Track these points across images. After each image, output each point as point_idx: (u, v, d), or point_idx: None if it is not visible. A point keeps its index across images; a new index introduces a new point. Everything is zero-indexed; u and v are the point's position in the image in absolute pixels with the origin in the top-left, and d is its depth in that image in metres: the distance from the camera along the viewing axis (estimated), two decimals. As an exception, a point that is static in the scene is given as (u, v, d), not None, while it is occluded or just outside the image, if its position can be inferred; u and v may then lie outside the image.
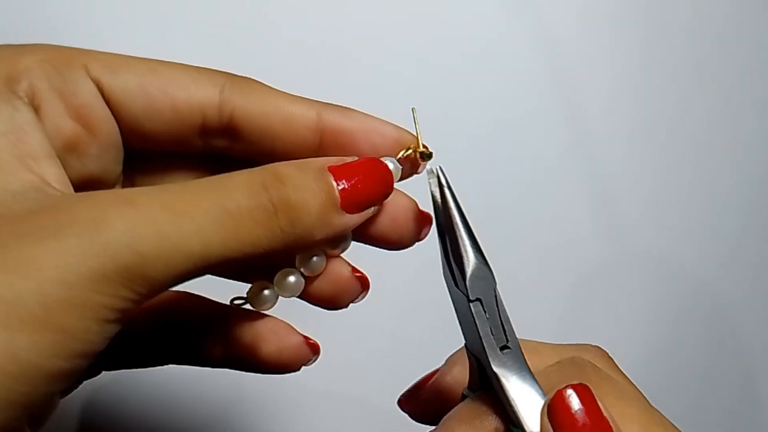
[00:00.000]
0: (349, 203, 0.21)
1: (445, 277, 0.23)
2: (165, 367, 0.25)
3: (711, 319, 0.58)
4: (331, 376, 0.42)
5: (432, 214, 0.23)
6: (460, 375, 0.25)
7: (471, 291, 0.22)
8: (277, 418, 0.43)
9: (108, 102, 0.21)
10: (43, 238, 0.16)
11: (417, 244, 0.26)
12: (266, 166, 0.20)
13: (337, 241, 0.23)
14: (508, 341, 0.22)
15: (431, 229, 0.24)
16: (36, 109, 0.19)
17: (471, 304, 0.22)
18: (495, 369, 0.21)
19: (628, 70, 0.54)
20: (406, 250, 0.25)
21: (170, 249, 0.17)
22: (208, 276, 0.20)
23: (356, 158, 0.22)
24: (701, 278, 0.57)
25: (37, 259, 0.16)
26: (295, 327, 0.25)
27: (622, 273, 0.54)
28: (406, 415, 0.27)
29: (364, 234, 0.23)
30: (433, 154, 0.24)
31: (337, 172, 0.21)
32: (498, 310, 0.22)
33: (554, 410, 0.20)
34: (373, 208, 0.22)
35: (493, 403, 0.22)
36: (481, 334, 0.22)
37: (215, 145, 0.22)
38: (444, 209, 0.22)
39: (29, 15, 0.39)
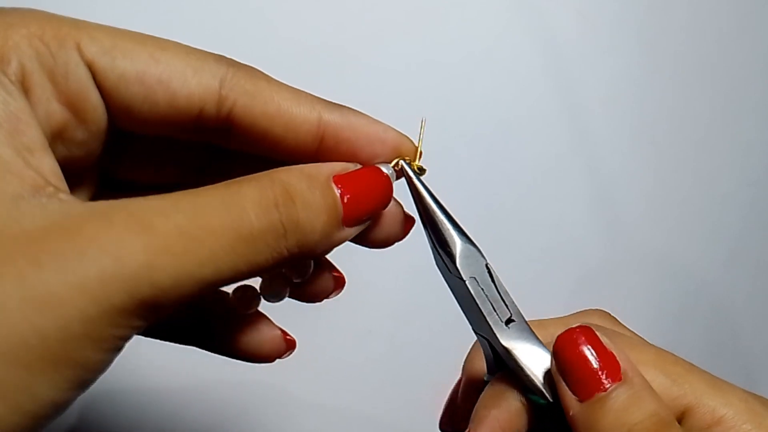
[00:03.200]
0: (351, 217, 0.20)
1: (438, 267, 0.23)
2: (153, 377, 0.25)
3: (711, 319, 0.58)
4: (330, 380, 0.42)
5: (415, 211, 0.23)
6: (482, 365, 0.25)
7: (463, 271, 0.22)
8: (270, 425, 0.43)
9: (100, 87, 0.19)
10: (63, 270, 0.15)
11: (413, 249, 0.26)
12: (272, 175, 0.19)
13: (301, 270, 0.24)
14: (511, 314, 0.22)
15: (413, 228, 0.25)
16: (26, 92, 0.18)
17: (467, 284, 0.22)
18: (504, 343, 0.22)
19: (628, 70, 0.54)
20: (403, 256, 0.25)
21: (185, 279, 0.17)
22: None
23: (359, 166, 0.22)
24: (701, 278, 0.57)
25: (59, 294, 0.15)
26: (273, 321, 0.25)
27: (622, 273, 0.54)
28: None
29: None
30: (426, 171, 0.23)
31: (342, 183, 0.20)
32: (495, 285, 0.22)
33: (559, 350, 0.21)
34: (369, 222, 0.22)
35: (511, 379, 0.22)
36: (483, 312, 0.22)
37: (210, 135, 0.22)
38: (419, 200, 0.22)
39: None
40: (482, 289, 0.22)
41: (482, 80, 0.49)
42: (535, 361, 0.22)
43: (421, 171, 0.23)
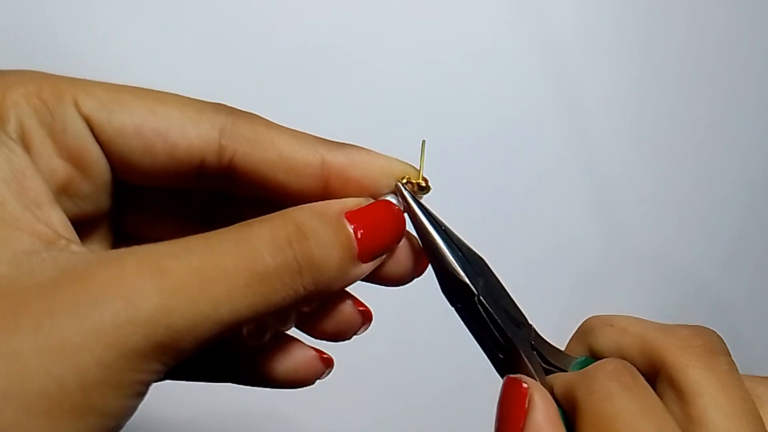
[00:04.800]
0: (366, 252, 0.20)
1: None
2: (155, 407, 0.24)
3: (711, 319, 0.58)
4: (330, 381, 0.42)
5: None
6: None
7: (451, 300, 0.22)
8: (271, 423, 0.43)
9: (100, 141, 0.19)
10: (77, 317, 0.15)
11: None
12: (285, 215, 0.19)
13: (285, 320, 0.23)
14: (503, 345, 0.22)
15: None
16: (27, 148, 0.18)
17: (457, 312, 0.22)
18: (499, 370, 0.22)
19: (627, 70, 0.54)
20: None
21: (201, 320, 0.16)
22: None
23: (370, 200, 0.21)
24: (701, 279, 0.57)
25: (75, 342, 0.15)
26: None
27: (622, 273, 0.54)
28: None
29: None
30: (431, 189, 0.23)
31: (355, 219, 0.20)
32: (486, 319, 0.22)
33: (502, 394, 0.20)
34: (384, 256, 0.21)
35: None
36: (475, 339, 0.22)
37: (211, 184, 0.21)
38: (415, 224, 0.22)
39: (29, 15, 0.39)
40: (471, 318, 0.22)
41: (482, 81, 0.49)
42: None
43: (424, 189, 0.22)
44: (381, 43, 0.47)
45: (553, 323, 0.28)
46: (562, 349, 0.25)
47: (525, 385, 0.20)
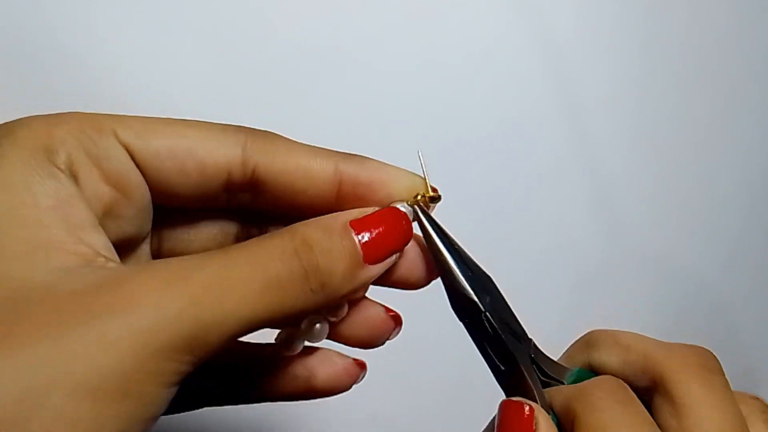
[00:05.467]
0: (372, 256, 0.22)
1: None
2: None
3: (711, 319, 0.58)
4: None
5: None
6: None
7: (459, 315, 0.24)
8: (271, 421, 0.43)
9: (139, 166, 0.22)
10: (115, 315, 0.17)
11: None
12: (293, 228, 0.21)
13: (336, 309, 0.25)
14: (521, 332, 0.23)
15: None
16: (74, 177, 0.20)
17: (465, 326, 0.23)
18: (500, 383, 0.23)
19: (628, 71, 0.54)
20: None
21: (226, 316, 0.19)
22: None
23: (375, 209, 0.23)
24: (701, 279, 0.57)
25: (113, 334, 0.17)
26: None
27: (622, 273, 0.54)
28: None
29: (383, 278, 0.24)
30: (442, 198, 0.24)
31: (359, 227, 0.22)
32: (492, 335, 0.23)
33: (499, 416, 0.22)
34: (395, 256, 0.23)
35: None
36: (480, 352, 0.23)
37: (239, 199, 0.24)
38: (427, 240, 0.24)
39: (29, 15, 0.39)
40: (477, 332, 0.23)
41: (482, 81, 0.49)
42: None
43: (435, 200, 0.24)
44: (381, 43, 0.47)
45: (553, 323, 0.28)
46: (561, 353, 0.26)
47: (527, 408, 0.22)
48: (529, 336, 0.25)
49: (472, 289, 0.23)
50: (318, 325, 0.24)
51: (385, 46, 0.47)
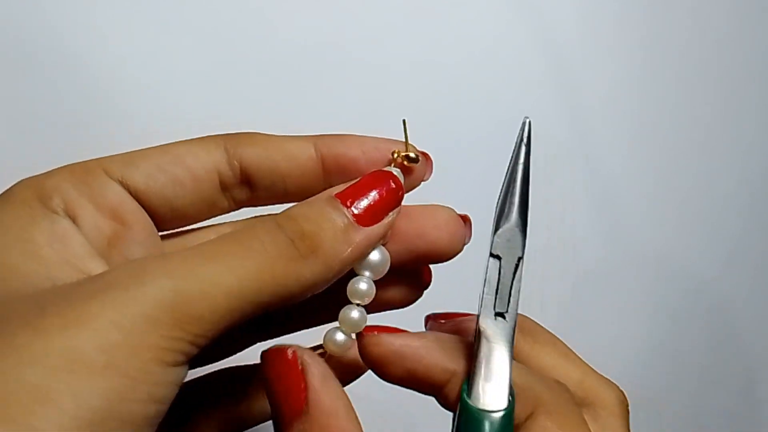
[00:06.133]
0: (363, 216, 0.22)
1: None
2: None
3: (711, 318, 0.58)
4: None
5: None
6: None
7: (493, 246, 0.23)
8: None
9: (134, 193, 0.23)
10: (93, 296, 0.17)
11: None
12: (278, 213, 0.22)
13: (375, 268, 0.24)
14: (506, 311, 0.22)
15: (471, 228, 0.26)
16: (73, 219, 0.21)
17: (489, 258, 0.23)
18: (480, 325, 0.22)
19: (628, 70, 0.54)
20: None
21: (209, 286, 0.18)
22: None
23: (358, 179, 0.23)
24: (701, 278, 0.57)
25: (91, 311, 0.17)
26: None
27: (622, 273, 0.54)
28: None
29: (418, 252, 0.24)
30: (420, 158, 0.25)
31: (343, 195, 0.22)
32: (512, 280, 0.23)
33: (263, 366, 0.21)
34: (391, 214, 0.23)
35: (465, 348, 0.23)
36: (483, 289, 0.22)
37: (238, 198, 0.25)
38: (511, 162, 0.24)
39: (29, 15, 0.39)
40: (499, 274, 0.23)
41: (482, 81, 0.49)
42: (490, 364, 0.22)
43: (413, 160, 0.24)
44: (381, 43, 0.47)
45: (552, 323, 0.28)
46: None
47: (289, 351, 0.21)
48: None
49: (523, 231, 0.23)
50: (354, 312, 0.23)
51: (386, 46, 0.47)
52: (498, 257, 0.23)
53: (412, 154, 0.24)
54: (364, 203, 0.22)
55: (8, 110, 0.38)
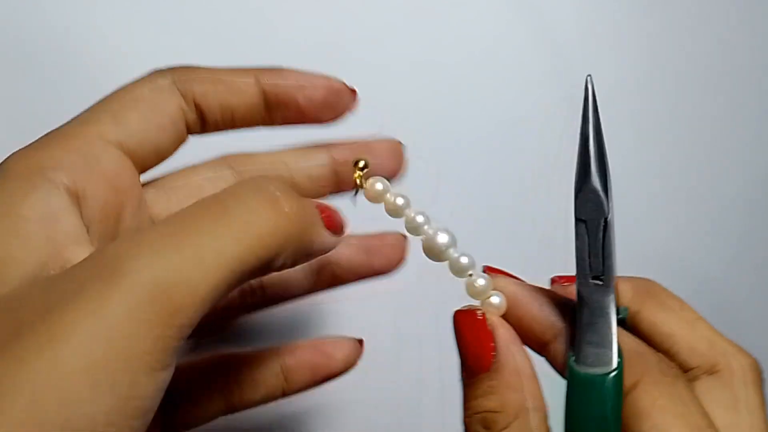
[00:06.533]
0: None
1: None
2: None
3: (713, 318, 0.58)
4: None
5: None
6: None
7: (577, 210, 0.23)
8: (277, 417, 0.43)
9: (128, 152, 0.23)
10: (69, 300, 0.16)
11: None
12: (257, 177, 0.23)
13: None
14: (602, 274, 0.22)
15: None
16: (75, 193, 0.20)
17: (576, 223, 0.23)
18: (579, 290, 0.22)
19: (629, 70, 0.54)
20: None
21: (189, 268, 0.17)
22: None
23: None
24: (702, 278, 0.57)
25: (66, 321, 0.15)
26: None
27: (623, 272, 0.54)
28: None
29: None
30: (368, 163, 0.26)
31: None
32: (602, 241, 0.22)
33: (453, 325, 0.22)
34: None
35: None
36: (576, 255, 0.23)
37: (192, 130, 0.26)
38: (582, 122, 0.24)
39: (29, 15, 0.39)
40: (588, 237, 0.22)
41: (482, 81, 0.49)
42: (594, 325, 0.21)
43: (365, 166, 0.25)
44: (381, 43, 0.47)
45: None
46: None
47: (479, 312, 0.22)
48: None
49: (604, 189, 0.22)
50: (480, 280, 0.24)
51: (385, 46, 0.47)
52: (583, 221, 0.22)
53: (361, 163, 0.25)
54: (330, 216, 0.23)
55: (8, 110, 0.38)
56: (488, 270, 0.25)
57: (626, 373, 0.21)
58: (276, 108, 0.26)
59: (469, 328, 0.22)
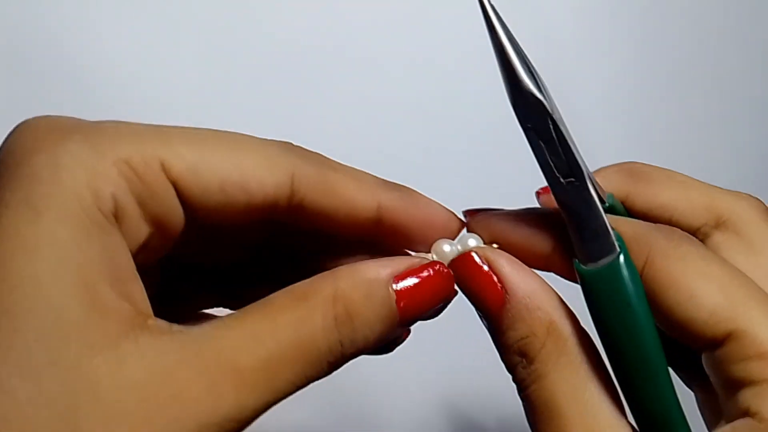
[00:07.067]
0: (406, 319, 0.21)
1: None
2: None
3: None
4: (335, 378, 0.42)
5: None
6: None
7: (521, 120, 0.21)
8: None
9: (184, 200, 0.20)
10: (160, 414, 0.17)
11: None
12: (337, 285, 0.20)
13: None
14: (571, 171, 0.21)
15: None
16: (119, 221, 0.18)
17: (525, 133, 0.21)
18: (556, 196, 0.21)
19: (625, 69, 0.54)
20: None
21: (261, 406, 0.18)
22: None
23: (420, 259, 0.22)
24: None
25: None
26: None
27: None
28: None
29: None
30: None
31: (402, 284, 0.21)
32: (557, 140, 0.21)
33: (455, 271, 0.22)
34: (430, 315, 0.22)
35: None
36: (539, 163, 0.21)
37: (277, 219, 0.22)
38: (491, 35, 0.22)
39: (28, 16, 0.39)
40: (541, 141, 0.21)
41: (479, 80, 0.49)
42: (582, 221, 0.21)
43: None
44: (380, 43, 0.47)
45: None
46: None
47: (473, 254, 0.21)
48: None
49: (538, 90, 0.21)
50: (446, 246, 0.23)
51: (382, 46, 0.47)
52: (530, 128, 0.21)
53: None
54: (413, 306, 0.21)
55: (7, 110, 0.38)
56: (467, 213, 0.24)
57: (633, 256, 0.20)
58: (387, 234, 0.23)
59: (468, 271, 0.21)
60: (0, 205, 0.17)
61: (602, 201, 0.22)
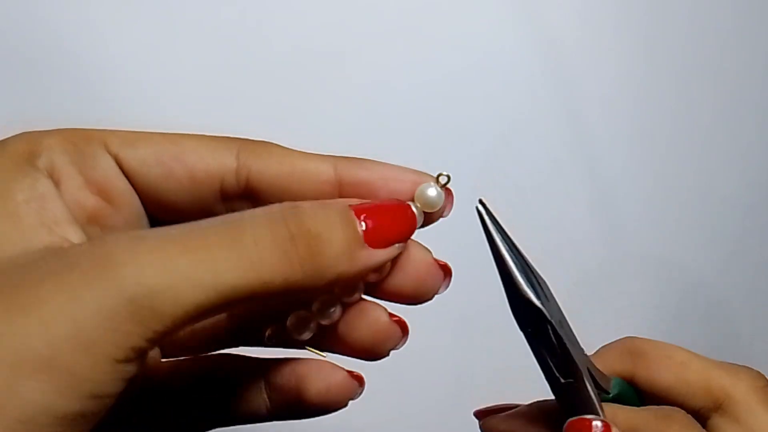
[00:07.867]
0: (373, 238, 0.20)
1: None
2: None
3: (710, 319, 0.58)
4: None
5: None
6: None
7: (520, 323, 0.22)
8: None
9: (127, 175, 0.21)
10: (47, 278, 0.16)
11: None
12: (286, 202, 0.19)
13: (352, 288, 0.22)
14: (570, 373, 0.22)
15: (450, 280, 0.24)
16: (56, 183, 0.20)
17: (524, 335, 0.22)
18: (553, 392, 0.22)
19: (627, 72, 0.54)
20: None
21: (179, 280, 0.16)
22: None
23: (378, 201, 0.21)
24: (700, 279, 0.57)
25: (44, 298, 0.16)
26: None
27: (621, 274, 0.54)
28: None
29: (381, 290, 0.23)
30: (450, 179, 0.23)
31: (359, 209, 0.20)
32: (556, 343, 0.22)
33: None
34: (398, 245, 0.21)
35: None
36: (539, 363, 0.22)
37: (237, 208, 0.22)
38: (489, 245, 0.22)
39: (28, 15, 0.39)
40: (540, 343, 0.22)
41: (481, 81, 0.49)
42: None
43: (447, 176, 0.23)
44: (381, 45, 0.47)
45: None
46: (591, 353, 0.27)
47: (598, 423, 0.22)
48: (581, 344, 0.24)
49: (537, 297, 0.22)
50: (333, 309, 0.22)
51: (385, 48, 0.47)
52: (530, 332, 0.22)
53: (442, 175, 0.23)
54: (377, 224, 0.20)
55: (7, 110, 0.38)
56: (476, 414, 0.26)
57: None
58: (347, 190, 0.22)
59: None
60: None
61: (606, 392, 0.24)
